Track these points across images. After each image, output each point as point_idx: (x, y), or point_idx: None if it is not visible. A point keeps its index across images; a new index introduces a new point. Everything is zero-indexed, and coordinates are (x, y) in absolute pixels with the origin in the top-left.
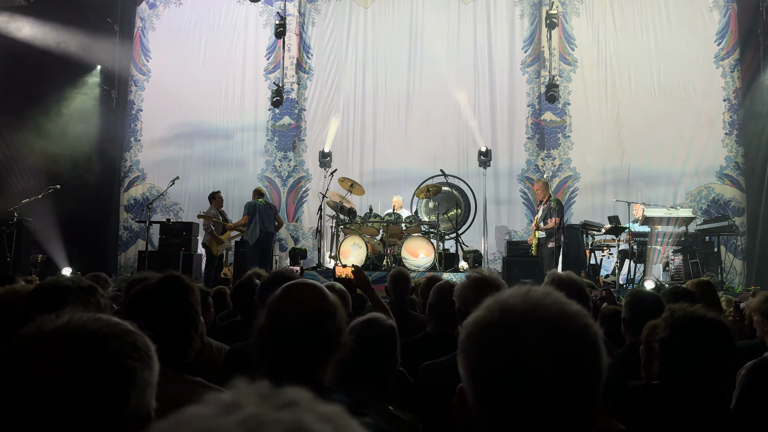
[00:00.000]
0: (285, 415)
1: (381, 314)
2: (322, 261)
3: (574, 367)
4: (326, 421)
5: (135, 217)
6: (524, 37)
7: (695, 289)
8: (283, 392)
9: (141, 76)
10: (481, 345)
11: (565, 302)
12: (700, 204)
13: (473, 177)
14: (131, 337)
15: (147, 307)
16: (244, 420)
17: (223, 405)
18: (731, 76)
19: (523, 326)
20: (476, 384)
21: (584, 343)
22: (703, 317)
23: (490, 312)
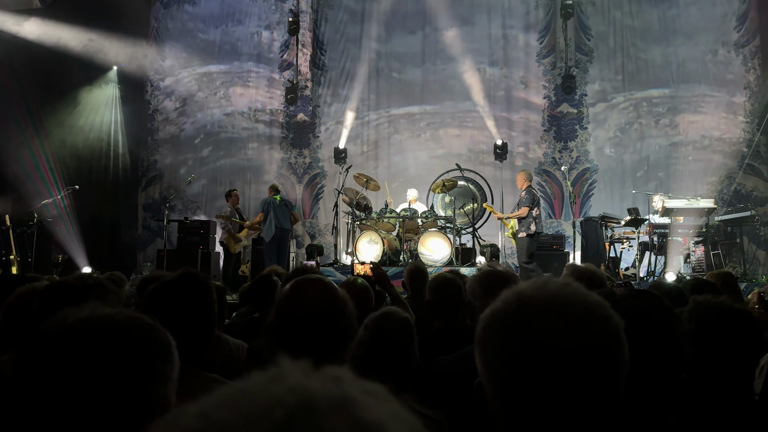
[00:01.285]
0: (331, 387)
1: (396, 307)
2: (339, 257)
3: (594, 358)
4: (370, 395)
5: (153, 216)
6: (539, 28)
7: (716, 281)
8: (325, 369)
9: (157, 76)
10: (499, 336)
11: (585, 293)
12: (721, 194)
13: (489, 171)
14: (152, 332)
15: (163, 304)
16: (291, 388)
17: (269, 378)
18: (752, 63)
19: (542, 316)
20: (494, 376)
21: (605, 333)
22: (730, 308)
23: (507, 303)
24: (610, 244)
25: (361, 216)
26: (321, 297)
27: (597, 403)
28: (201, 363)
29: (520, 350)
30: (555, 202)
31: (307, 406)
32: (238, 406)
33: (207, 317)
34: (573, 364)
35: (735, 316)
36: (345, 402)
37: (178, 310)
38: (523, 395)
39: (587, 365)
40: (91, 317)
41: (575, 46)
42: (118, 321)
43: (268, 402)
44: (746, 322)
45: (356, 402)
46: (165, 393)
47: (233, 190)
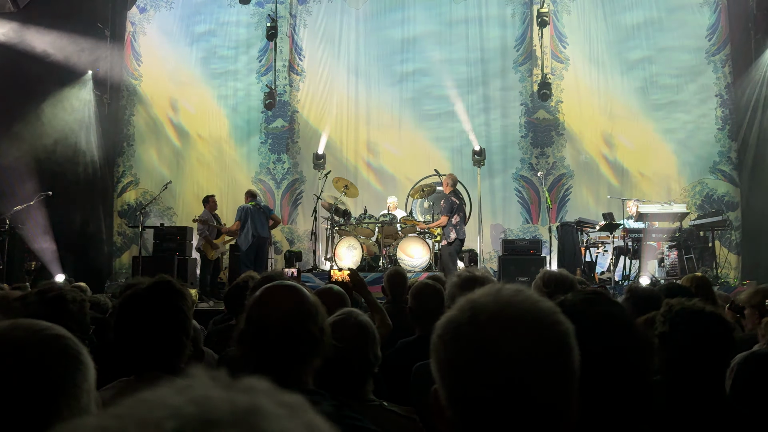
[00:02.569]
0: (240, 397)
1: (354, 310)
2: (318, 263)
3: (545, 364)
4: (283, 406)
5: (128, 223)
6: (516, 35)
7: (690, 284)
8: (242, 380)
9: (133, 81)
10: (452, 344)
11: (536, 300)
12: (694, 199)
13: (468, 176)
14: (58, 342)
15: (137, 311)
16: (195, 398)
17: (178, 387)
18: (722, 71)
19: (494, 324)
20: (448, 383)
21: (555, 340)
22: (702, 311)
23: (461, 311)
24: (586, 249)
25: (339, 221)
26: (291, 303)
27: (548, 407)
28: (175, 370)
29: (472, 357)
30: (532, 207)
31: (202, 417)
32: (134, 417)
33: (181, 324)
34: (523, 370)
35: (707, 318)
36: (250, 414)
37: (152, 317)
38: (476, 401)
39: (537, 371)
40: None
41: (551, 54)
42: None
43: (163, 413)
44: (718, 324)
45: (263, 414)
46: (80, 404)
47: (211, 196)
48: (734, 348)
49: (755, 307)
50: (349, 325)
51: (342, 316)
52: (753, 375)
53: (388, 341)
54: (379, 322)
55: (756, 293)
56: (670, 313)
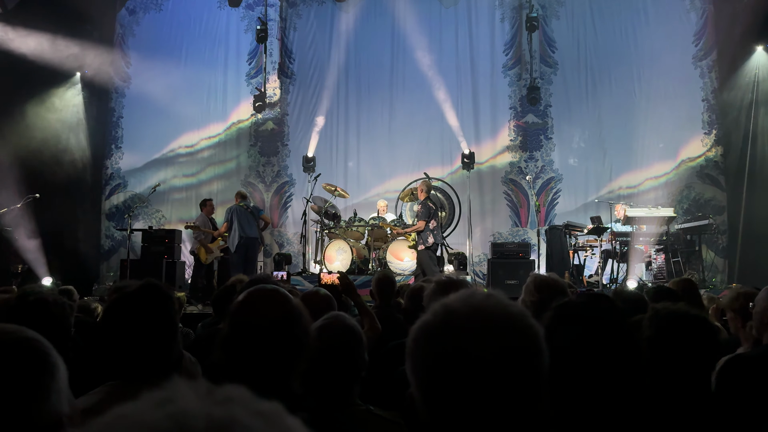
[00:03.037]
0: (217, 409)
1: (341, 313)
2: (307, 266)
3: (514, 366)
4: (259, 416)
5: (117, 225)
6: (505, 40)
7: (677, 288)
8: (220, 390)
9: (122, 83)
10: (426, 347)
11: (507, 304)
12: (681, 203)
13: (457, 179)
14: (24, 344)
15: (125, 315)
16: (172, 414)
17: (157, 400)
18: (709, 76)
19: (466, 328)
20: (422, 385)
21: (525, 343)
22: (687, 314)
23: (434, 315)
24: (574, 252)
25: (329, 224)
26: (274, 307)
27: (518, 408)
28: (162, 374)
29: (445, 360)
30: (521, 210)
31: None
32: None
33: (168, 328)
34: (494, 372)
35: (692, 321)
36: (226, 426)
37: (139, 321)
38: (448, 403)
39: (507, 373)
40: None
41: (540, 58)
42: None
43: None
44: (703, 327)
45: (237, 426)
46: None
47: (208, 200)
48: (719, 351)
49: (737, 311)
50: (336, 328)
51: (329, 319)
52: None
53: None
54: (368, 325)
55: (737, 297)
56: (656, 318)
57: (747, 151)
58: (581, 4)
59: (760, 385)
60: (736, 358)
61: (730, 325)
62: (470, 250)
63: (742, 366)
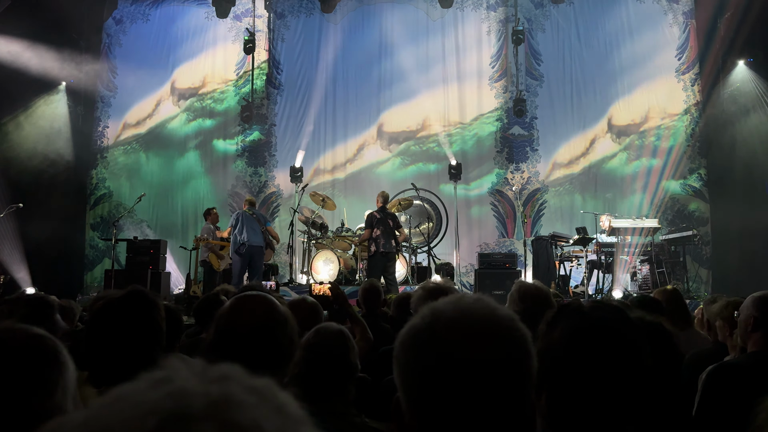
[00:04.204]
0: (214, 387)
1: (330, 323)
2: (294, 276)
3: (501, 369)
4: (254, 392)
5: (101, 235)
6: (492, 53)
7: (662, 298)
8: (215, 368)
9: (107, 93)
10: (412, 351)
11: (495, 307)
12: (665, 214)
13: (444, 190)
14: (35, 341)
15: (110, 322)
16: (170, 392)
17: (155, 380)
18: (692, 89)
19: (452, 331)
20: (408, 389)
21: (513, 345)
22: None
23: (422, 319)
24: (560, 263)
25: (317, 235)
26: (260, 313)
27: (505, 411)
28: None
29: (431, 363)
30: (507, 221)
31: (180, 412)
32: (115, 414)
33: (154, 335)
34: (480, 376)
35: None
36: (222, 404)
37: (124, 327)
38: (434, 407)
39: (495, 376)
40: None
41: (526, 71)
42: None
43: (143, 409)
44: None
45: (234, 403)
46: (54, 401)
47: (212, 209)
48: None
49: (726, 320)
50: (327, 331)
51: (321, 325)
52: (722, 385)
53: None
54: (359, 335)
55: (726, 306)
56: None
57: (730, 163)
58: (566, 18)
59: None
60: (722, 366)
61: (719, 334)
62: (457, 261)
63: (727, 374)
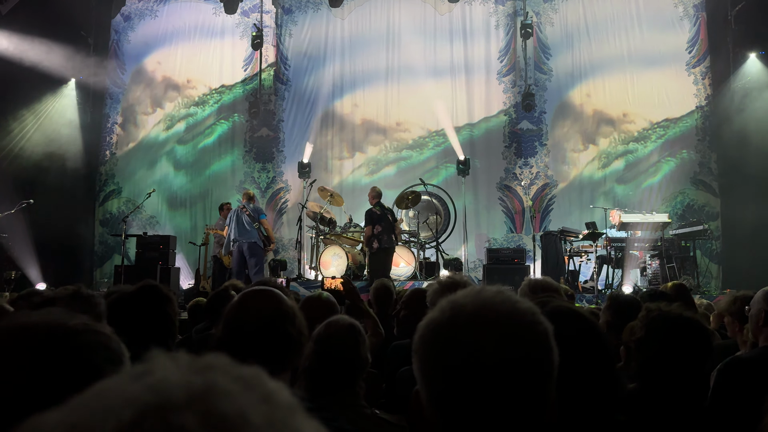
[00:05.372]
0: (197, 378)
1: (341, 316)
2: (303, 272)
3: (522, 364)
4: (239, 381)
5: (111, 232)
6: (500, 47)
7: (670, 292)
8: (200, 359)
9: (116, 89)
10: (432, 344)
11: (516, 300)
12: (675, 209)
13: (452, 185)
14: (102, 338)
15: (124, 314)
16: (151, 385)
17: (136, 373)
18: (702, 83)
19: (473, 324)
20: (428, 383)
21: (533, 340)
22: (680, 316)
23: (441, 312)
24: (569, 258)
25: (325, 230)
26: (268, 307)
27: (527, 406)
28: None
29: (451, 357)
30: (516, 216)
31: (159, 403)
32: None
33: (167, 328)
34: (502, 370)
35: (684, 323)
36: (205, 394)
37: (138, 320)
38: (455, 401)
39: (516, 371)
40: (40, 319)
41: (534, 65)
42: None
43: (121, 401)
44: (695, 329)
45: (218, 393)
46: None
47: (226, 203)
48: (711, 354)
49: (734, 315)
50: (339, 326)
51: (333, 318)
52: (733, 380)
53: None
54: (371, 330)
55: (735, 301)
56: (647, 318)
57: (740, 157)
58: (575, 11)
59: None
60: (733, 360)
61: (728, 329)
62: (465, 256)
63: (739, 368)
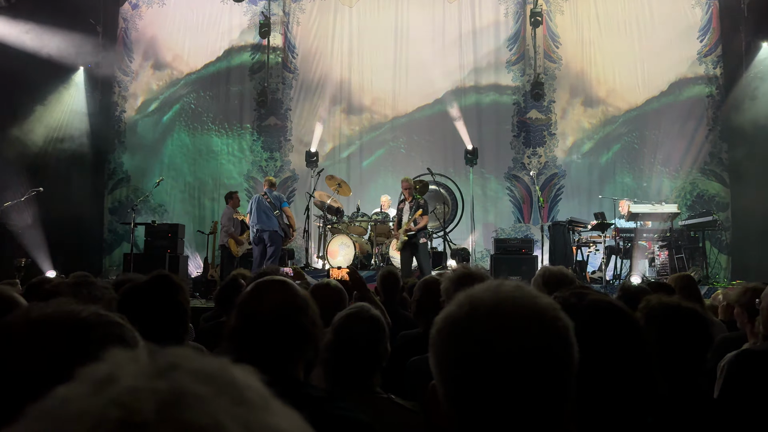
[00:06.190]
0: (161, 383)
1: (366, 304)
2: (310, 261)
3: (542, 360)
4: (208, 381)
5: (119, 220)
6: (509, 35)
7: (674, 284)
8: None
9: (124, 77)
10: (450, 339)
11: (535, 295)
12: (684, 199)
13: (460, 175)
14: (118, 329)
15: (137, 304)
16: (116, 398)
17: (97, 380)
18: (714, 72)
19: (492, 320)
20: (446, 379)
21: (554, 335)
22: (678, 306)
23: (459, 306)
24: (577, 248)
25: (332, 219)
26: (281, 298)
27: (546, 404)
28: None
29: (470, 352)
30: (524, 206)
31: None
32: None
33: (180, 317)
34: (521, 367)
35: (683, 313)
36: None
37: (152, 310)
38: (473, 397)
39: (535, 367)
40: (56, 312)
41: (544, 54)
42: (82, 317)
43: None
44: (694, 319)
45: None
46: None
47: (234, 192)
48: (711, 344)
49: (744, 306)
50: (361, 317)
51: (354, 309)
52: (743, 372)
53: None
54: None
55: (745, 292)
56: (647, 309)
57: (751, 147)
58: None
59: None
60: (744, 353)
61: (737, 320)
62: (473, 246)
63: (749, 361)
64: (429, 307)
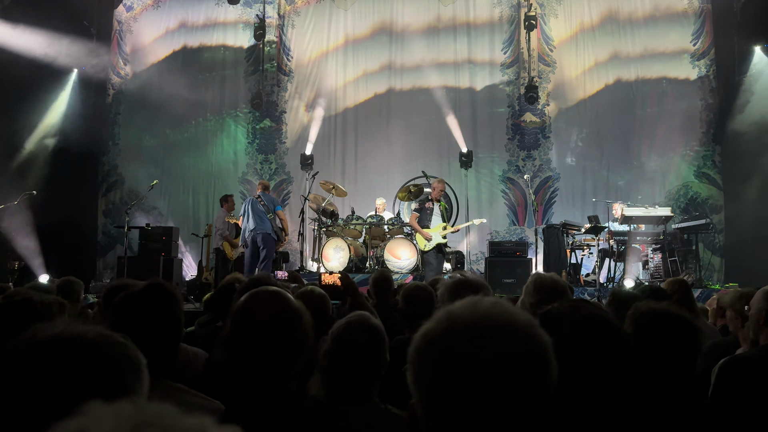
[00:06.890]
0: None
1: (364, 313)
2: (305, 264)
3: (519, 378)
4: None
5: (113, 222)
6: (503, 38)
7: (669, 288)
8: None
9: (118, 80)
10: (428, 356)
11: (513, 312)
12: (678, 202)
13: (455, 178)
14: (123, 349)
15: (132, 314)
16: None
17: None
18: (707, 75)
19: (469, 337)
20: (423, 396)
21: (530, 353)
22: (667, 312)
23: (437, 323)
24: (571, 251)
25: (327, 222)
26: (275, 309)
27: (524, 421)
28: (166, 372)
29: (447, 371)
30: (518, 209)
31: None
32: None
33: (174, 327)
34: (498, 384)
35: (672, 320)
36: None
37: (146, 320)
38: (451, 415)
39: (512, 385)
40: (64, 333)
41: (538, 57)
42: (89, 338)
43: None
44: (683, 326)
45: None
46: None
47: (230, 196)
48: (699, 352)
49: (738, 311)
50: (362, 326)
51: (355, 317)
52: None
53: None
54: None
55: (740, 297)
56: (635, 315)
57: (744, 150)
58: (580, 3)
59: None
60: (734, 359)
61: (730, 326)
62: (467, 249)
63: (739, 367)
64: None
